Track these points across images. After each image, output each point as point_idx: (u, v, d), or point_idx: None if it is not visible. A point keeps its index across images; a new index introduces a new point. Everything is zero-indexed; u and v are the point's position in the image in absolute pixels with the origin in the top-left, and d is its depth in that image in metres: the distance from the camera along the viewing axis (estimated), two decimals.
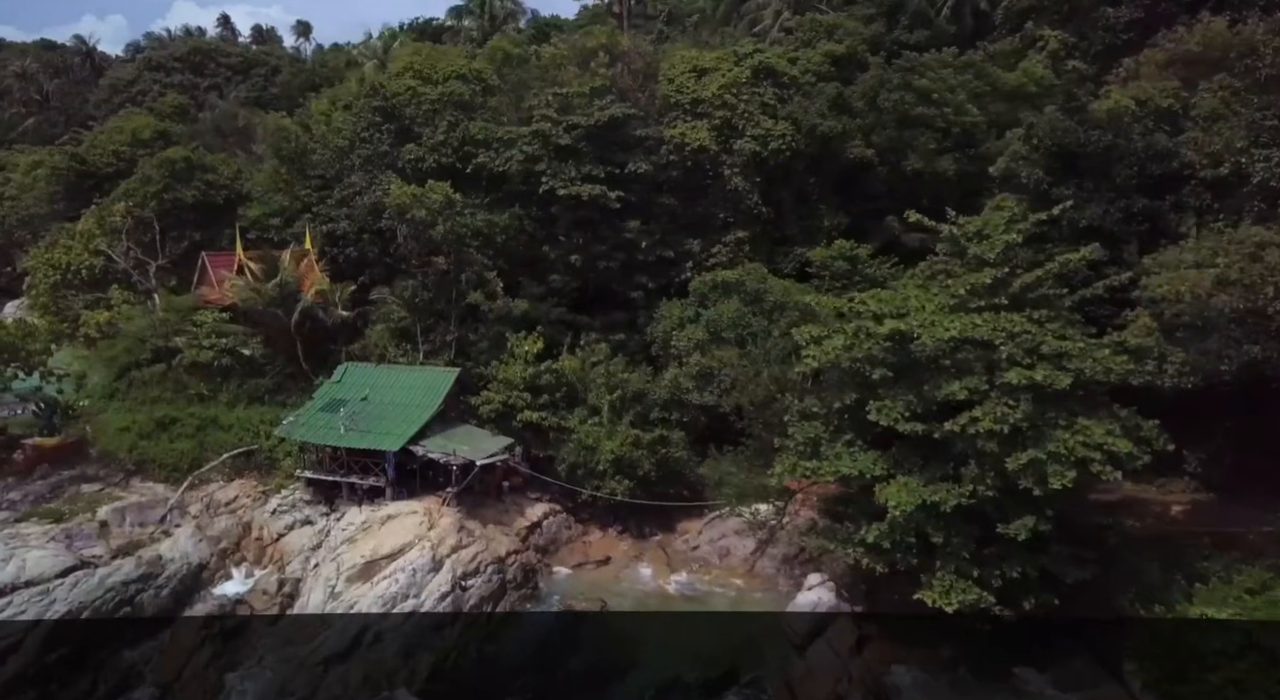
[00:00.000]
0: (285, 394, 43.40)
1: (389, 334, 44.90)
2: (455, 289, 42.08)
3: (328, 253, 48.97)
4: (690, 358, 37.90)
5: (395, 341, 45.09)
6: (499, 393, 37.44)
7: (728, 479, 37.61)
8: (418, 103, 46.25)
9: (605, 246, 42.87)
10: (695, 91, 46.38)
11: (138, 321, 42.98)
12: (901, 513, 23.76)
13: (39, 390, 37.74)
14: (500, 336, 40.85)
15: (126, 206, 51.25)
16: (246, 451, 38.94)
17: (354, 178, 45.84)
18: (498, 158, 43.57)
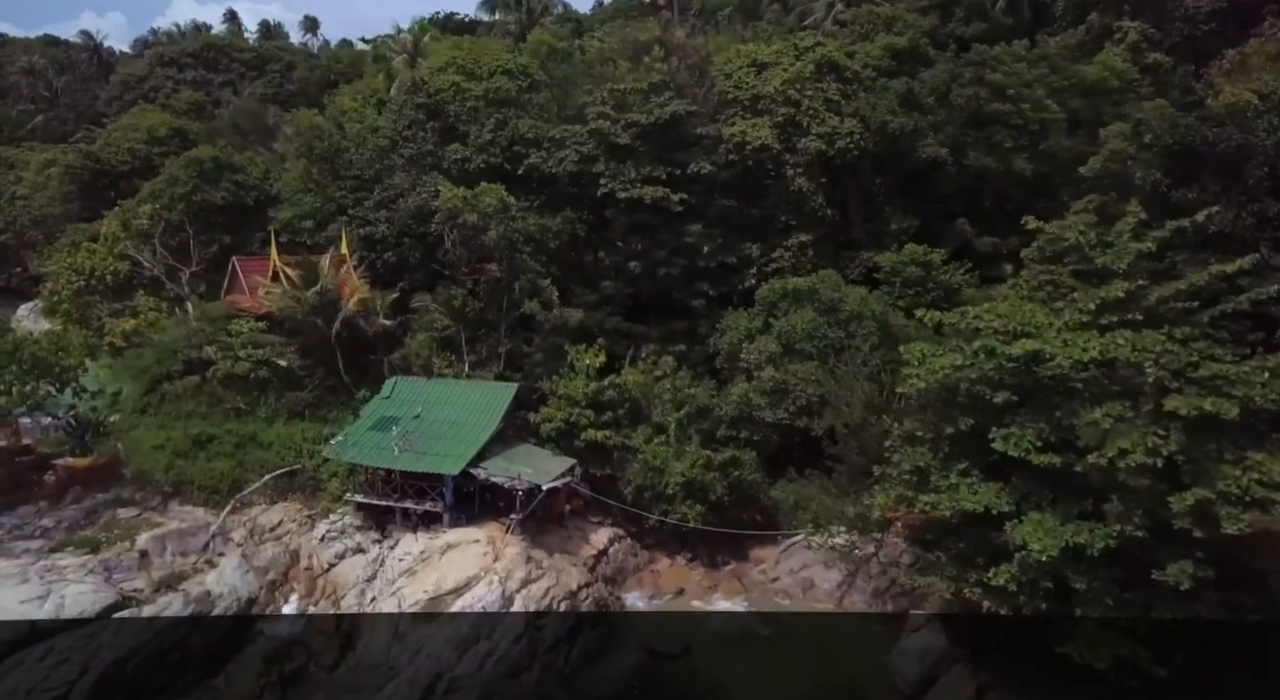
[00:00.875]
0: (326, 408, 41.45)
1: (432, 343, 42.93)
2: (507, 298, 40.05)
3: (365, 257, 47.03)
4: (762, 372, 35.80)
5: (439, 351, 43.14)
6: (560, 409, 35.39)
7: (805, 503, 35.62)
8: (462, 100, 44.22)
9: (665, 252, 40.72)
10: (755, 87, 44.25)
11: (170, 332, 40.94)
12: (1044, 556, 21.60)
13: (72, 409, 35.71)
14: (556, 348, 38.81)
15: (153, 209, 49.29)
16: (289, 471, 36.93)
17: (396, 179, 43.81)
18: (549, 158, 41.45)
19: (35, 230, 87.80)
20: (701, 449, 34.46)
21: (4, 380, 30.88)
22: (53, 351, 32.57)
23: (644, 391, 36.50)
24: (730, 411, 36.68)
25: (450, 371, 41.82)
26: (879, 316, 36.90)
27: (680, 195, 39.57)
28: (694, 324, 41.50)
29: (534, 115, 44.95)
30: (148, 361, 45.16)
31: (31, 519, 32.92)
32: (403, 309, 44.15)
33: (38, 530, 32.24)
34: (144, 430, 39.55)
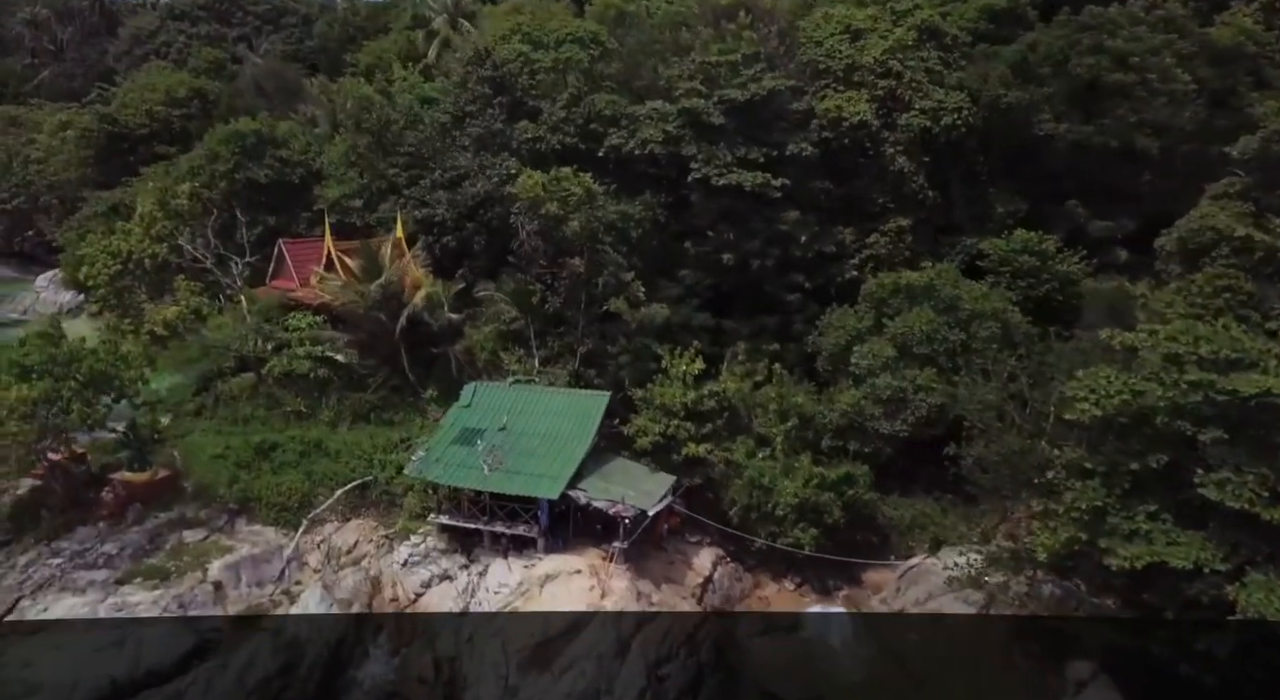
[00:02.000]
0: (391, 410, 39.29)
1: (498, 337, 40.53)
2: (586, 293, 37.37)
3: (424, 242, 44.35)
4: (876, 379, 33.17)
5: (505, 346, 40.77)
6: (655, 421, 32.93)
7: (923, 522, 33.34)
8: (530, 72, 41.03)
9: (757, 242, 37.82)
10: (850, 56, 40.93)
11: (220, 326, 38.47)
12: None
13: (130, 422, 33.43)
14: (643, 350, 36.22)
15: (192, 187, 46.50)
16: (360, 484, 34.76)
17: (460, 160, 40.86)
18: (631, 139, 38.39)
19: (50, 195, 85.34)
20: (815, 468, 31.95)
21: (62, 397, 28.51)
22: (111, 363, 30.15)
23: (743, 399, 33.97)
24: (837, 420, 34.20)
25: (519, 368, 39.53)
26: (1001, 316, 34.15)
27: (781, 181, 36.49)
28: (787, 319, 38.81)
29: (611, 88, 41.82)
30: (194, 354, 42.98)
31: (93, 543, 30.86)
32: (467, 298, 41.74)
33: (101, 558, 30.21)
34: (200, 435, 37.47)
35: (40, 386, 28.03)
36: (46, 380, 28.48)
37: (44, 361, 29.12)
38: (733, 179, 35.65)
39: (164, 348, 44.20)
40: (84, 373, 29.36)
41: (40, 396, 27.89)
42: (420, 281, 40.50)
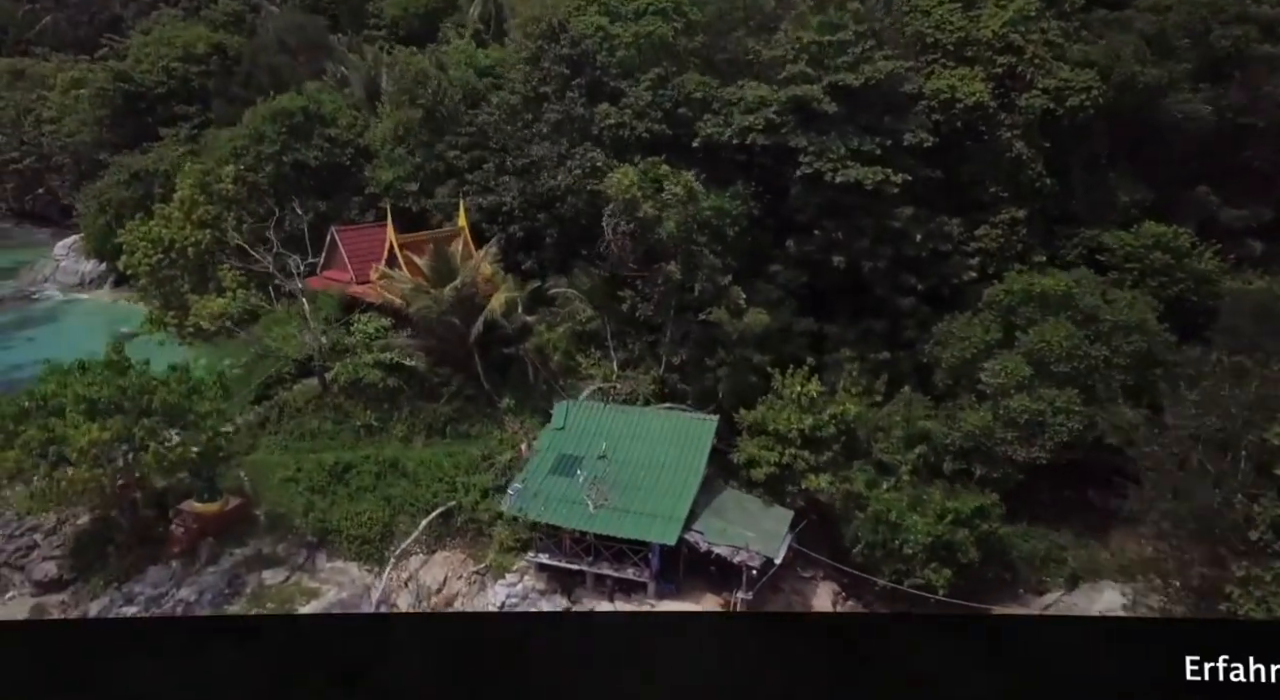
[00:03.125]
0: (468, 422, 37.22)
1: (572, 338, 38.36)
2: (678, 299, 34.95)
3: (497, 239, 41.92)
4: (1011, 400, 30.82)
5: (581, 347, 38.63)
6: (769, 448, 30.73)
7: (1058, 554, 31.33)
8: (610, 48, 37.94)
9: (866, 240, 35.13)
10: (964, 29, 37.68)
11: (291, 340, 36.22)
12: None
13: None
14: (742, 362, 33.89)
15: (237, 170, 43.89)
16: (444, 511, 32.87)
17: (536, 149, 38.01)
18: (727, 127, 35.47)
19: (63, 155, 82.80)
20: (943, 497, 29.82)
21: (134, 436, 26.45)
22: (184, 395, 28.00)
23: (860, 417, 31.73)
24: (960, 441, 31.96)
25: (597, 373, 37.53)
26: (1146, 327, 31.66)
27: (901, 176, 33.64)
28: (896, 324, 36.28)
29: (701, 67, 38.77)
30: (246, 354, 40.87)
31: (168, 587, 29.18)
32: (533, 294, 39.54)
33: (178, 604, 28.52)
34: (266, 452, 35.58)
35: (113, 427, 25.95)
36: (118, 419, 26.37)
37: (113, 395, 26.99)
38: (850, 175, 32.80)
39: (208, 341, 42.35)
40: (157, 408, 27.22)
41: (113, 438, 25.83)
42: (495, 282, 38.14)
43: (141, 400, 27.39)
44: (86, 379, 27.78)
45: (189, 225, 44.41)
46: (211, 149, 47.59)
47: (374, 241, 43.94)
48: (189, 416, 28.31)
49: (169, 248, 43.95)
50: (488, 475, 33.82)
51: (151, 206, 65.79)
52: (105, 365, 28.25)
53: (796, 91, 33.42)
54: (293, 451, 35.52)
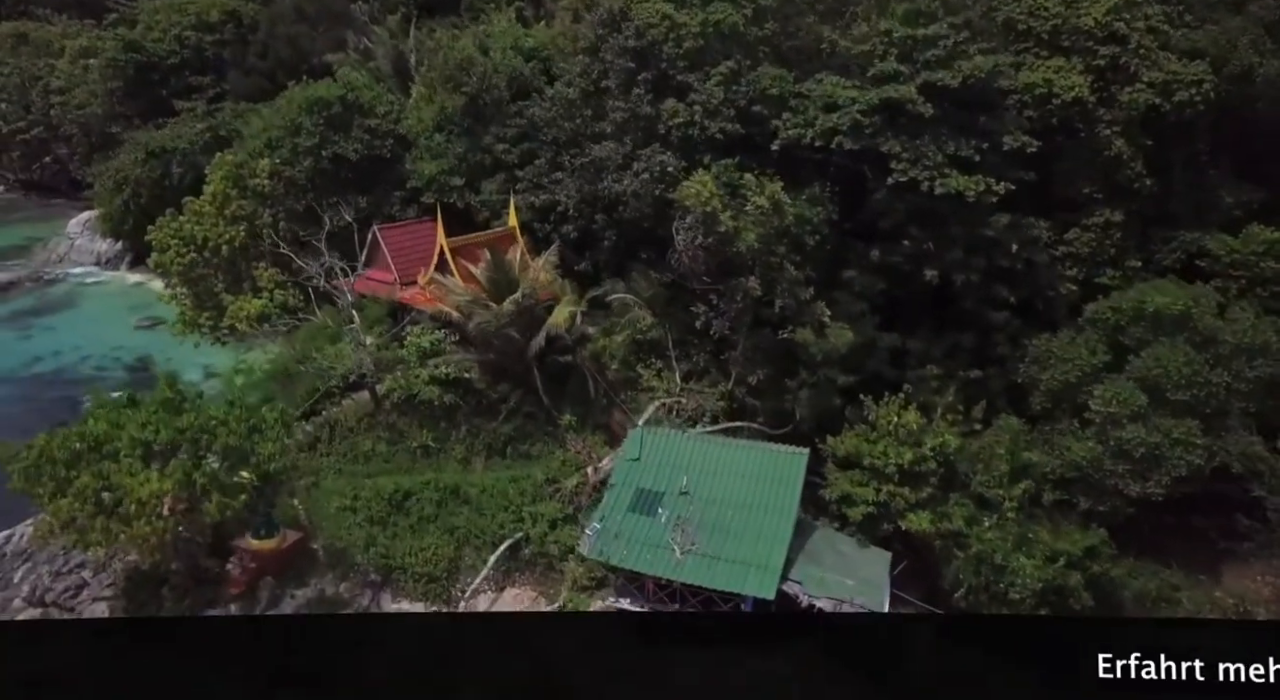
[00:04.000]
0: (527, 441, 35.77)
1: (631, 348, 36.71)
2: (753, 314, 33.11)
3: (539, 232, 40.16)
4: (1124, 431, 29.05)
5: (641, 357, 37.01)
6: (862, 483, 29.11)
7: (1167, 594, 29.79)
8: (677, 39, 35.57)
9: (959, 250, 33.09)
10: (1063, 16, 35.19)
11: (344, 357, 34.54)
12: None
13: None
14: (826, 384, 32.14)
15: (272, 164, 41.92)
16: (512, 543, 31.47)
17: (598, 149, 35.88)
18: (808, 127, 33.25)
19: (73, 126, 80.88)
20: (1052, 536, 28.24)
21: (196, 483, 24.91)
22: (246, 436, 26.40)
23: (960, 449, 30.03)
24: (1062, 470, 30.29)
25: (659, 385, 35.96)
26: (1271, 350, 29.75)
27: (1004, 186, 31.47)
28: (985, 338, 34.36)
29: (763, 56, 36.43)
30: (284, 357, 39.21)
31: None
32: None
33: None
34: (318, 475, 34.08)
35: (174, 474, 24.40)
36: (178, 467, 24.79)
37: (171, 437, 25.39)
38: (950, 185, 30.62)
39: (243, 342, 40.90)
40: (218, 450, 25.64)
41: (174, 489, 24.30)
42: (554, 290, 36.38)
43: (201, 442, 25.78)
44: (140, 417, 26.15)
45: (221, 222, 42.63)
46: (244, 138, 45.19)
47: (418, 239, 42.22)
48: (252, 459, 26.70)
49: (202, 246, 42.23)
50: (555, 503, 32.43)
51: (169, 184, 64.23)
52: (161, 404, 26.56)
53: (890, 93, 31.07)
54: (347, 475, 34.11)
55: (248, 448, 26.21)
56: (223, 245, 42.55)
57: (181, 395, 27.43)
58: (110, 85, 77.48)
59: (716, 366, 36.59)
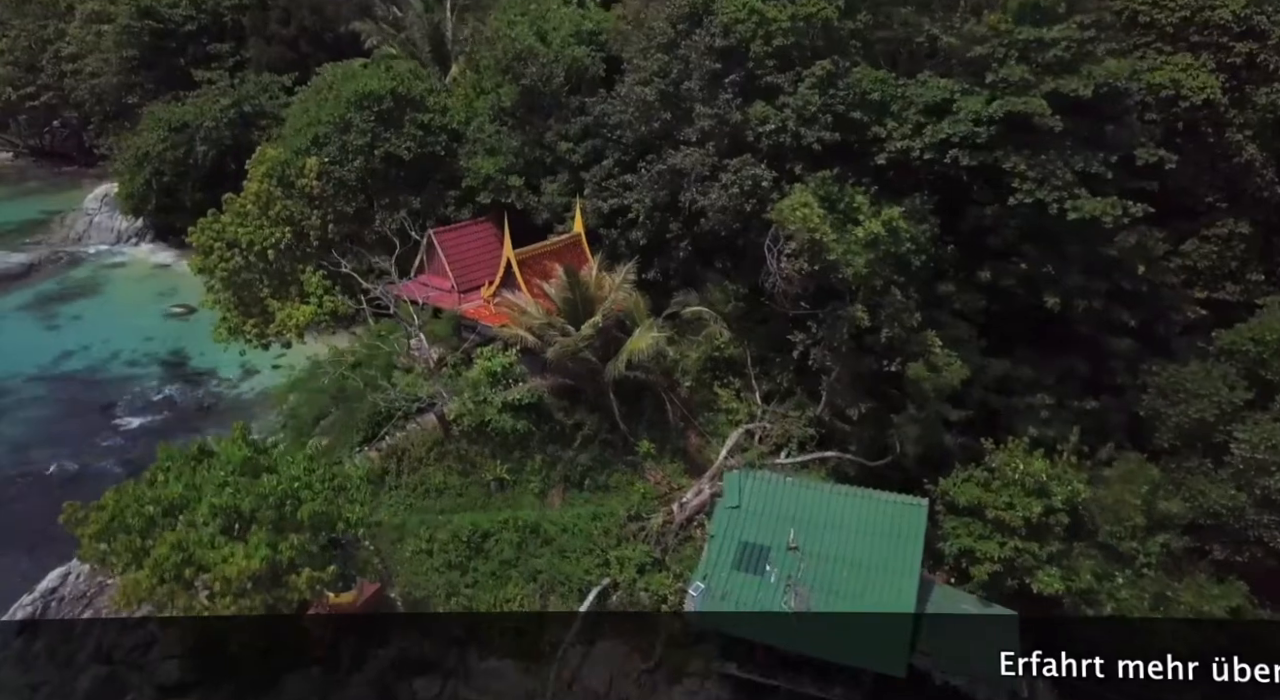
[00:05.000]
0: (605, 471, 33.98)
1: (706, 366, 34.85)
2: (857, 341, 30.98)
3: (605, 237, 38.00)
4: (1272, 478, 27.08)
5: (718, 375, 35.19)
6: (986, 537, 27.24)
7: None
8: (766, 36, 32.87)
9: (1077, 273, 30.77)
10: (1193, 7, 32.39)
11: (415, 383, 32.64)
12: None
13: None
14: (935, 419, 30.13)
15: (320, 163, 39.59)
16: (600, 591, 29.87)
17: (682, 159, 33.40)
18: (917, 136, 30.74)
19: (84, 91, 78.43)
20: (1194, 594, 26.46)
21: (284, 555, 23.18)
22: (331, 498, 24.60)
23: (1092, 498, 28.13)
24: (1192, 514, 28.41)
25: (738, 407, 34.22)
26: None
27: (1141, 207, 28.99)
28: (1100, 364, 32.22)
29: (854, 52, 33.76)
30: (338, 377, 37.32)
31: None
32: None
33: None
34: (389, 512, 32.37)
35: (258, 551, 22.64)
36: (261, 542, 23.01)
37: (253, 505, 23.60)
38: (1084, 210, 28.15)
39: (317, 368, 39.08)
40: (305, 521, 23.83)
41: (261, 566, 22.58)
42: (634, 312, 34.27)
43: (285, 508, 23.96)
44: (217, 476, 24.28)
45: (266, 222, 40.43)
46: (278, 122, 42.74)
47: (476, 241, 40.22)
48: (339, 525, 24.92)
49: (247, 249, 40.12)
50: (642, 545, 30.76)
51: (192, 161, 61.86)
52: (239, 464, 24.66)
53: (1019, 105, 28.43)
54: (418, 511, 32.44)
55: (335, 514, 24.38)
56: (268, 249, 40.39)
57: (258, 448, 25.54)
58: (125, 53, 74.70)
59: (802, 387, 34.63)
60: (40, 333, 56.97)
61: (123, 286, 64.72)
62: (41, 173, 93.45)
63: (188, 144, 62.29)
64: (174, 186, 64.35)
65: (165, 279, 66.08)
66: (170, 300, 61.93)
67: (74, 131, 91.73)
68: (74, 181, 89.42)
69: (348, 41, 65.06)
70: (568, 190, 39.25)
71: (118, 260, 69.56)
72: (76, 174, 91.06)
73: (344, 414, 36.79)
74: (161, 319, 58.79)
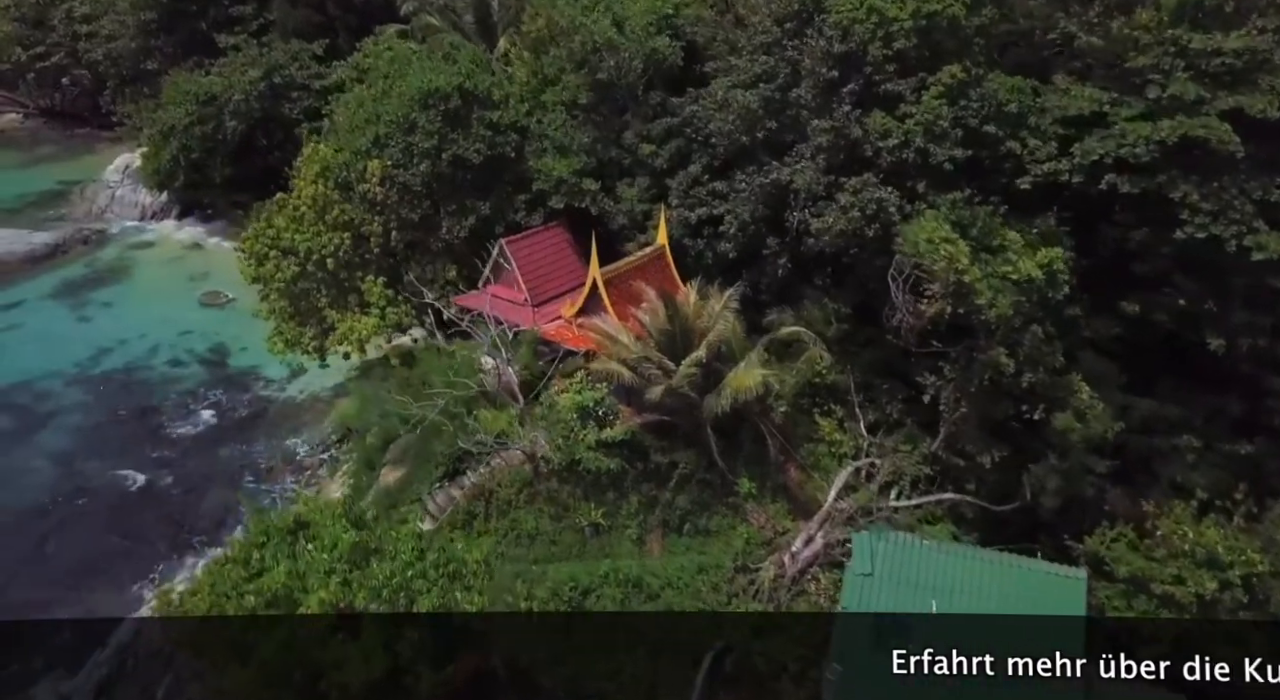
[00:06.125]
0: (705, 514, 31.71)
1: (804, 391, 32.49)
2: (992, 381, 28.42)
3: (690, 249, 35.43)
4: None
5: (817, 403, 32.89)
6: (1150, 614, 24.99)
7: None
8: (886, 38, 29.64)
9: (1238, 306, 28.01)
10: None
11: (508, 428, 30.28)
12: None
13: None
14: (1079, 471, 27.69)
15: (383, 166, 36.77)
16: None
17: (797, 177, 30.44)
18: (1068, 159, 27.70)
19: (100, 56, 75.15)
20: None
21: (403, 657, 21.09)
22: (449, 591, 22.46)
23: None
24: None
25: (842, 439, 32.02)
26: None
27: None
28: (1255, 402, 29.63)
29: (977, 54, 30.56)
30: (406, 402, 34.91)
31: None
32: None
33: None
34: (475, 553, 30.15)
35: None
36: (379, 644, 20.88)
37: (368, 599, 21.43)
38: (1272, 249, 25.17)
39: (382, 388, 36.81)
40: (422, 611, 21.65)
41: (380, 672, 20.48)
42: (732, 340, 31.65)
43: (399, 602, 21.77)
44: (322, 563, 22.05)
45: (323, 227, 37.73)
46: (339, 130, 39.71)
47: (548, 250, 37.74)
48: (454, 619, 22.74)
49: (305, 257, 37.54)
50: (754, 602, 28.65)
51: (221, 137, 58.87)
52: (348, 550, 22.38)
53: (1195, 127, 25.29)
54: (511, 560, 30.24)
55: (451, 605, 22.20)
56: (327, 257, 37.75)
57: (359, 521, 23.28)
58: (142, 16, 71.18)
59: (912, 418, 32.22)
60: (73, 325, 54.66)
61: (153, 270, 62.18)
62: (54, 135, 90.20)
63: (216, 118, 59.38)
64: (202, 162, 61.64)
65: (196, 260, 63.60)
66: (203, 285, 59.53)
67: (86, 91, 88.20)
68: (88, 146, 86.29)
69: (379, 3, 61.66)
70: (648, 196, 36.40)
71: (145, 238, 66.93)
72: (90, 137, 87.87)
73: (418, 442, 34.45)
74: (197, 308, 56.43)
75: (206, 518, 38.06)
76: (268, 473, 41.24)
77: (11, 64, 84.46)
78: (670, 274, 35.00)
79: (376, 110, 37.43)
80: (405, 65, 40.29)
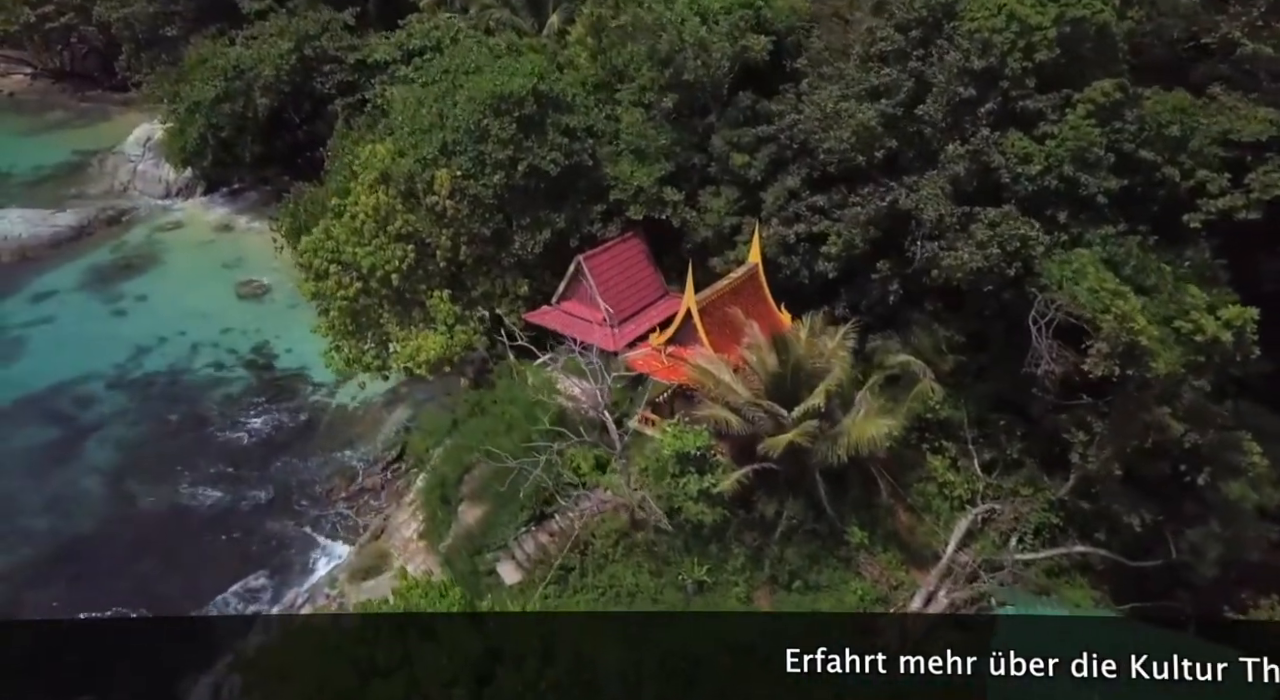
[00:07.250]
0: (814, 568, 29.60)
1: (913, 425, 30.37)
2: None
3: (784, 267, 32.98)
4: None
5: (927, 439, 30.83)
6: None
7: None
8: (1027, 48, 26.57)
9: None
10: None
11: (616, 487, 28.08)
12: None
13: None
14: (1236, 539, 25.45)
15: (452, 176, 34.04)
16: None
17: (926, 209, 27.59)
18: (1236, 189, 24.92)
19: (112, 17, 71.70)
20: None
21: None
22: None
23: None
24: None
25: (956, 481, 29.97)
26: None
27: None
28: None
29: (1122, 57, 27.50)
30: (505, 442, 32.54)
31: None
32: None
33: None
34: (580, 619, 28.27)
35: None
36: None
37: None
38: None
39: None
40: None
41: None
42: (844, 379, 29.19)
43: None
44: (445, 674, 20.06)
45: (385, 239, 35.14)
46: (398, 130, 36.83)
47: (625, 264, 35.38)
48: None
49: (368, 273, 35.05)
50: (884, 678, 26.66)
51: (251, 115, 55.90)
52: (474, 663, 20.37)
53: None
54: (609, 620, 28.27)
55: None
56: (391, 274, 35.21)
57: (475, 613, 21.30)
58: None
59: (1034, 458, 29.95)
60: (108, 321, 52.26)
61: (184, 255, 59.57)
62: (64, 99, 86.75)
63: (245, 93, 56.16)
64: (231, 140, 58.67)
65: (228, 244, 60.99)
66: (237, 272, 57.07)
67: (95, 49, 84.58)
68: (102, 110, 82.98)
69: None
70: (736, 208, 33.67)
71: (173, 219, 64.19)
72: (102, 99, 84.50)
73: (498, 476, 32.19)
74: (234, 300, 54.03)
75: (269, 550, 36.21)
76: (327, 495, 39.23)
77: (20, 24, 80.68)
78: (764, 296, 32.48)
79: (440, 111, 34.42)
80: (466, 56, 37.14)
